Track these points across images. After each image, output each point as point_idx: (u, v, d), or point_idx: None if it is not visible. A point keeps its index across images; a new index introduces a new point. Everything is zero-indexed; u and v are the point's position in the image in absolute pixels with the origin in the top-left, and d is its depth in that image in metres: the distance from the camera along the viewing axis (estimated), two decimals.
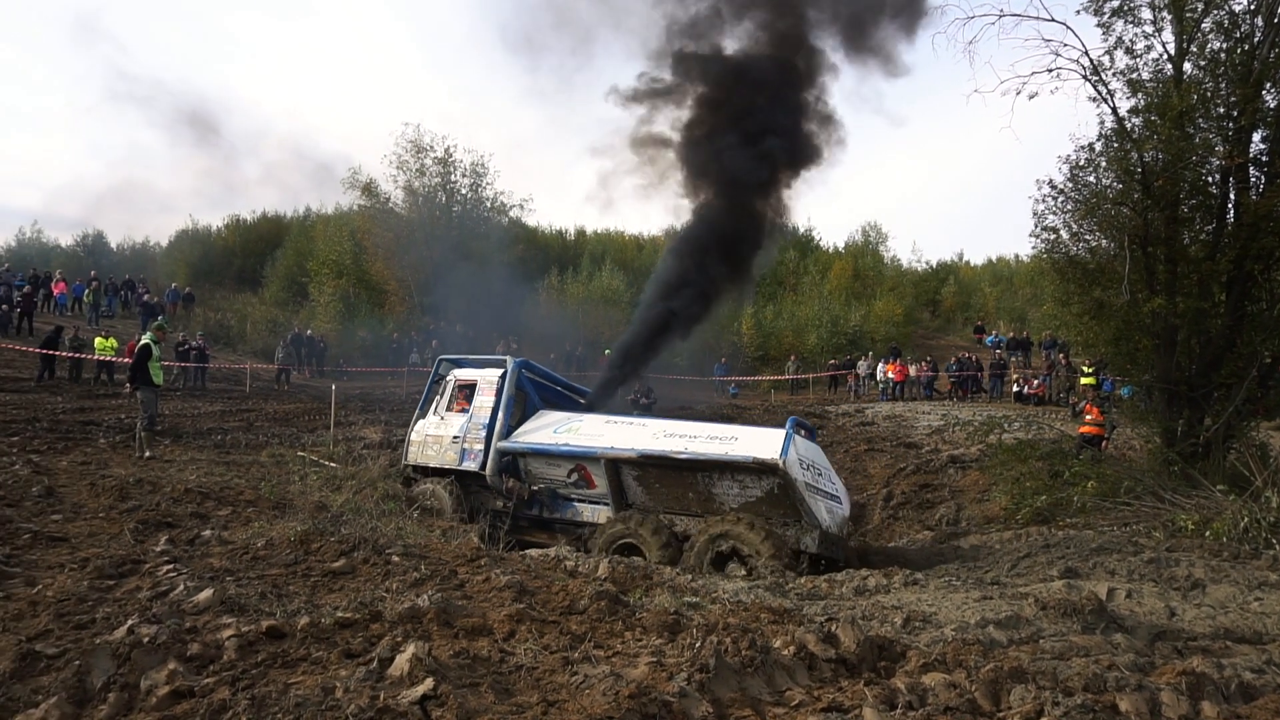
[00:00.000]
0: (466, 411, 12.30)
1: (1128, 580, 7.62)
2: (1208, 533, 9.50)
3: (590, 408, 13.11)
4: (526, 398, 12.67)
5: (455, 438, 12.22)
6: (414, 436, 12.74)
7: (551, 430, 11.84)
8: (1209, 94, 12.43)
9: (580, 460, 11.47)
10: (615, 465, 11.10)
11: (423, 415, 12.89)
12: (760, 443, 10.26)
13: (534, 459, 11.88)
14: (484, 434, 12.00)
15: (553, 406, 12.78)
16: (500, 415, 12.00)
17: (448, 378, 12.87)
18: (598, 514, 11.60)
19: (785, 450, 9.93)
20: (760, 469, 10.13)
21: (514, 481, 11.90)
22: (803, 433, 10.71)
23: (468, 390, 12.49)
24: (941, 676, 3.86)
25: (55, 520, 7.20)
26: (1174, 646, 5.51)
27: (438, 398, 12.80)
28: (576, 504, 11.88)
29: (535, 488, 11.93)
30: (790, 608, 5.96)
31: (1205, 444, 12.31)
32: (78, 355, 19.77)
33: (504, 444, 11.91)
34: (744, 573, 9.44)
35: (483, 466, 11.88)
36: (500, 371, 12.38)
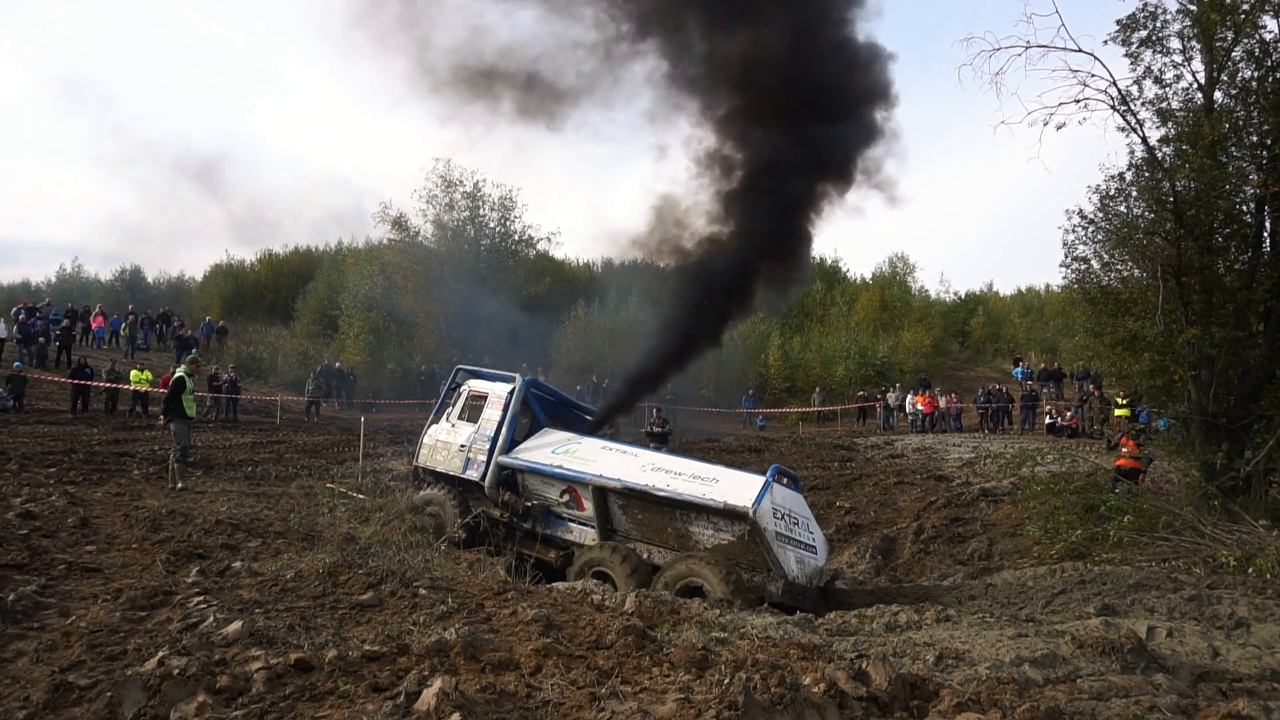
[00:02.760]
0: (476, 422, 12.61)
1: (1168, 618, 7.42)
2: (1251, 569, 9.23)
3: (595, 429, 13.27)
4: (533, 415, 12.91)
5: (462, 446, 12.55)
6: (426, 440, 13.14)
7: (550, 450, 12.04)
8: (1241, 122, 12.30)
9: (571, 483, 11.67)
10: (602, 493, 11.28)
11: (436, 420, 13.22)
12: (737, 489, 10.23)
13: (530, 476, 12.12)
14: (488, 446, 12.31)
15: (561, 425, 12.97)
16: (504, 430, 12.29)
17: (462, 387, 13.17)
18: (585, 535, 11.78)
19: (759, 499, 9.91)
20: (731, 515, 10.13)
21: (510, 495, 12.18)
22: (785, 481, 10.68)
23: (478, 401, 12.77)
24: (976, 716, 3.77)
25: (90, 551, 7.29)
26: (1218, 688, 5.34)
27: (451, 405, 13.10)
28: (568, 522, 12.08)
29: (530, 504, 12.14)
30: (820, 644, 5.87)
31: (1246, 477, 12.00)
32: (114, 385, 20.17)
33: (504, 459, 12.18)
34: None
35: (483, 477, 12.20)
36: (509, 387, 12.63)
